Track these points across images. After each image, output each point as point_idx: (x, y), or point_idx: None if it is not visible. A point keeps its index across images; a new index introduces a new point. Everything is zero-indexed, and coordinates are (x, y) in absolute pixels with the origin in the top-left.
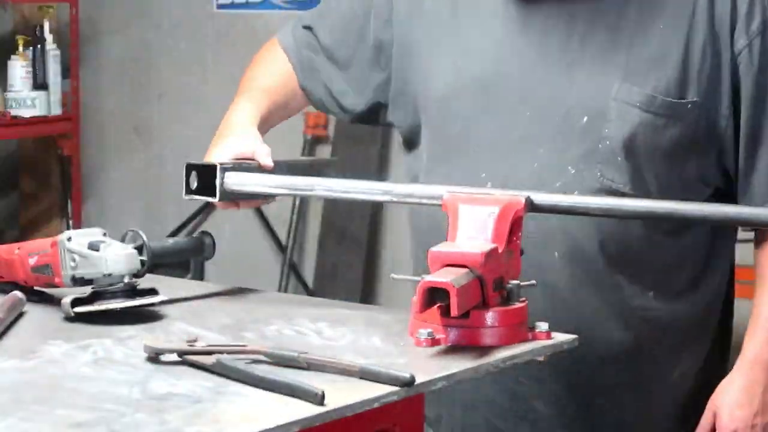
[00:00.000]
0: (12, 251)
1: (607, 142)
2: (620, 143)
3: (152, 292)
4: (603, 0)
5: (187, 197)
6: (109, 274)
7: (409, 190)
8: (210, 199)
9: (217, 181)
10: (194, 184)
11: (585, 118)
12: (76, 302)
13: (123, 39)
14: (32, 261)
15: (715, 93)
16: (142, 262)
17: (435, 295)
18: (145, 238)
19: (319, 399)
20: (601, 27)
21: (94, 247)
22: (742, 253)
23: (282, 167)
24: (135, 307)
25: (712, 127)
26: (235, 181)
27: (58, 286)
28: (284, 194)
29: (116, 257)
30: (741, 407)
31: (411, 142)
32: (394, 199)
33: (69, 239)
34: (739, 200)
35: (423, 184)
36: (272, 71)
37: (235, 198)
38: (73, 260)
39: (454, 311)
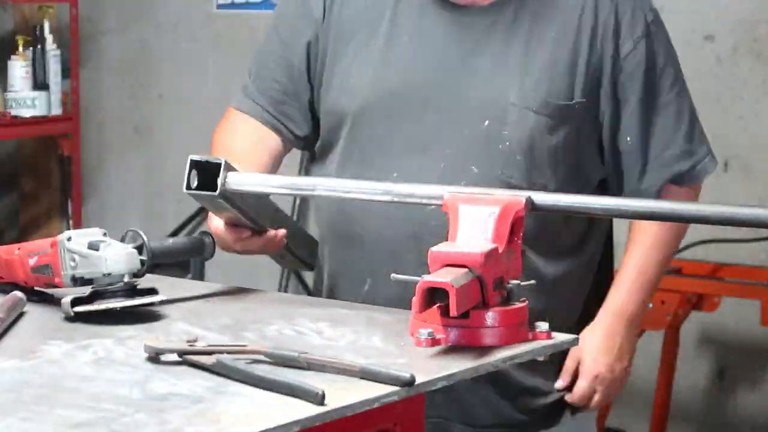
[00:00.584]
0: (12, 252)
1: (507, 143)
2: (518, 144)
3: (152, 291)
4: (499, 11)
5: (188, 192)
6: (109, 274)
7: (410, 190)
8: (210, 194)
9: (220, 179)
10: (195, 181)
11: (486, 122)
12: (75, 302)
13: (123, 39)
14: (32, 261)
15: (597, 93)
16: (142, 262)
17: (435, 295)
18: (145, 238)
19: (319, 399)
20: (497, 36)
21: (93, 246)
22: (743, 252)
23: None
24: (134, 306)
25: (594, 124)
26: (235, 180)
27: (58, 286)
28: (285, 194)
29: (116, 257)
30: (602, 354)
31: (323, 151)
32: (395, 199)
33: (69, 239)
34: (630, 191)
35: (423, 184)
36: (243, 136)
37: (232, 199)
38: (73, 260)
39: (453, 311)
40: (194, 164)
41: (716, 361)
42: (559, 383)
